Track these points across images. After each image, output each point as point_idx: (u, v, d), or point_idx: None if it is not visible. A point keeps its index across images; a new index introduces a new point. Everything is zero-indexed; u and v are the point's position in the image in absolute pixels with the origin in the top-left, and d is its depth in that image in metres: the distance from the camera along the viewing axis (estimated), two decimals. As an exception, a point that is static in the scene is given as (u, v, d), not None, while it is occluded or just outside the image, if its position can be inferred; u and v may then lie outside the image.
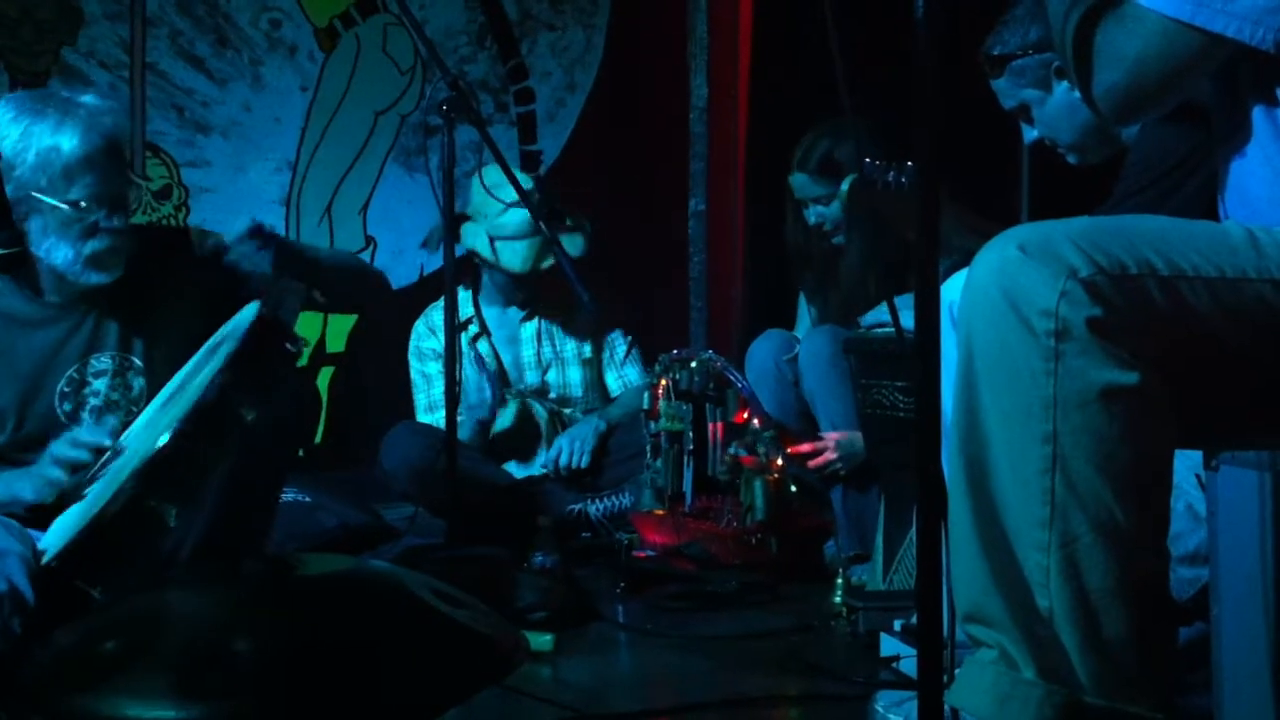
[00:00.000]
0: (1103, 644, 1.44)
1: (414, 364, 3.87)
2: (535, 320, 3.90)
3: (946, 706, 1.50)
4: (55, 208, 2.38)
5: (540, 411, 3.84)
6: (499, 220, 3.71)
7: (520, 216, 3.66)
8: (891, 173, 2.36)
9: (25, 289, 2.43)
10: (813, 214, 3.60)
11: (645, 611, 2.96)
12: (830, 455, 3.20)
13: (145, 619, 1.97)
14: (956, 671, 1.54)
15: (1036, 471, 1.44)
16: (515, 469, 3.80)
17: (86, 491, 2.31)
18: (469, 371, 3.82)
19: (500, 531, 3.42)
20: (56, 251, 2.41)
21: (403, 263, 4.49)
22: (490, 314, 3.91)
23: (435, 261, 4.47)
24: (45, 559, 2.14)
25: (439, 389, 3.74)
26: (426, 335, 3.86)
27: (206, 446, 2.10)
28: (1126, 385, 1.44)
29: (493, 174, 3.69)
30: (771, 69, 4.90)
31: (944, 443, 1.57)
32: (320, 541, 3.46)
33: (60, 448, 2.34)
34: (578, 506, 3.56)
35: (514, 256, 3.70)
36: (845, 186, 2.44)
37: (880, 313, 2.92)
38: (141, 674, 1.83)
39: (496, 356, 3.87)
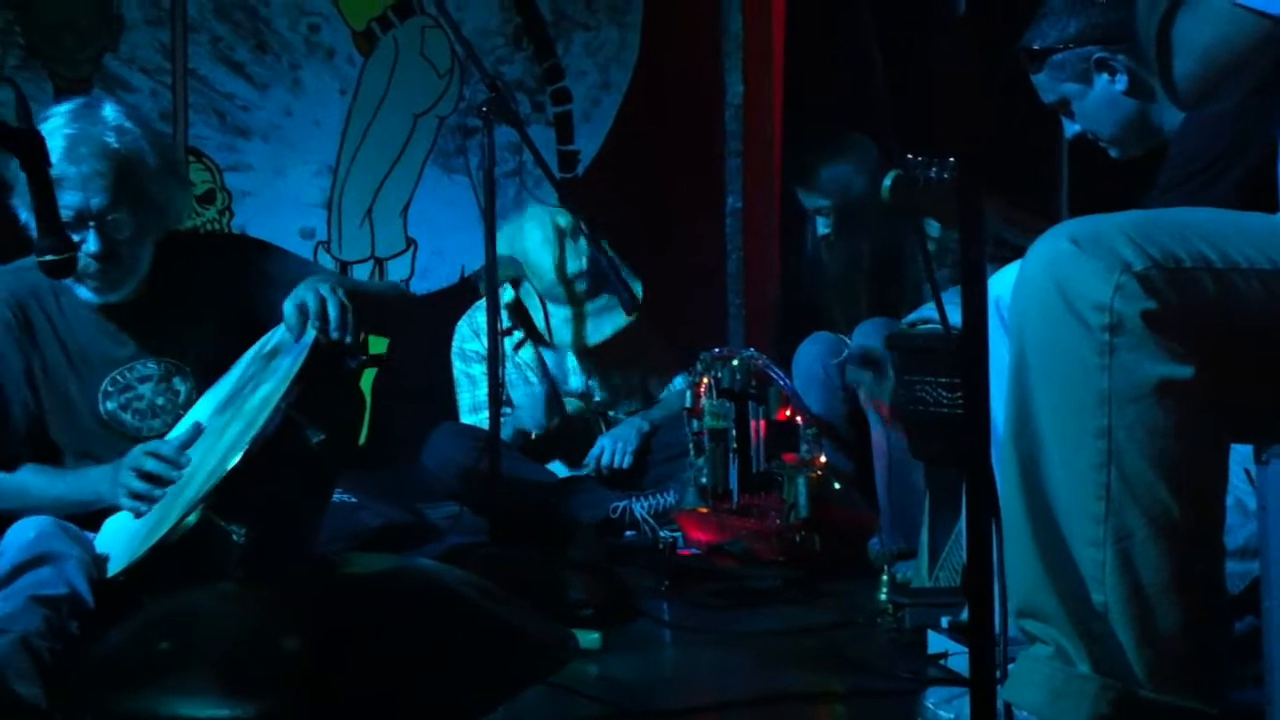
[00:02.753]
0: (1157, 638, 1.44)
1: (458, 365, 3.88)
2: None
3: (1000, 702, 1.50)
4: None
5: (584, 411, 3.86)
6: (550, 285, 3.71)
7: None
8: (933, 168, 2.36)
9: (98, 284, 2.43)
10: (821, 224, 3.62)
11: (689, 609, 2.96)
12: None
13: (194, 619, 1.99)
14: (1010, 667, 1.54)
15: (1091, 466, 1.44)
16: (560, 469, 3.81)
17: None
18: (517, 387, 3.83)
19: (543, 530, 3.44)
20: None
21: (443, 263, 4.52)
22: (536, 318, 3.91)
23: (476, 262, 4.49)
24: (111, 572, 2.16)
25: (484, 391, 3.74)
26: (470, 337, 3.86)
27: (275, 468, 2.11)
28: (1181, 379, 1.43)
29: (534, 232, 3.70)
30: (806, 65, 4.89)
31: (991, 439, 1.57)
32: (364, 541, 3.48)
33: (140, 460, 2.33)
34: (621, 505, 3.56)
35: (566, 329, 3.72)
36: (887, 182, 2.44)
37: (923, 309, 2.91)
38: (191, 673, 1.85)
39: (542, 363, 3.87)
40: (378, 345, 4.33)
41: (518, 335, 3.88)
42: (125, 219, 2.38)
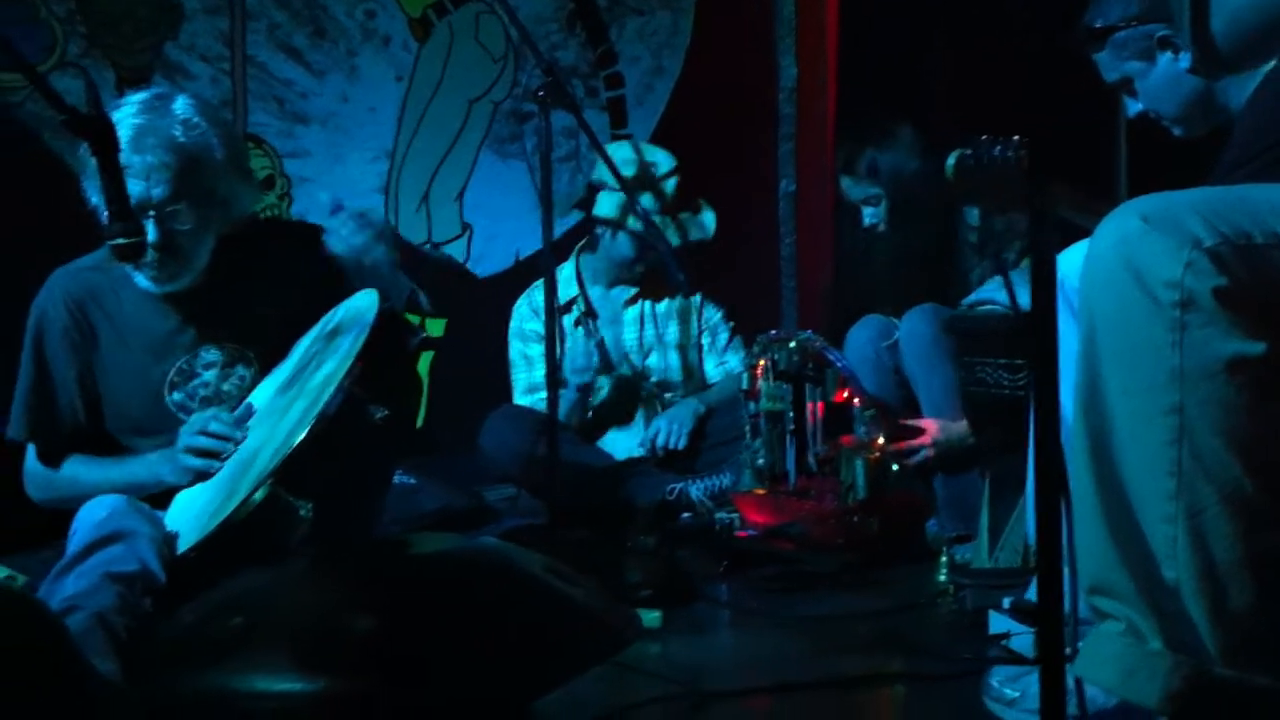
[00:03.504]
0: (1230, 614, 1.43)
1: (515, 345, 3.90)
2: (638, 304, 3.91)
3: (1070, 679, 1.50)
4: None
5: (637, 386, 3.87)
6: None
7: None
8: (998, 148, 2.34)
9: (156, 275, 2.46)
10: (866, 215, 3.61)
11: (747, 591, 2.97)
12: (924, 440, 3.17)
13: (266, 596, 2.02)
14: (1081, 644, 1.54)
15: (1162, 443, 1.44)
16: (615, 451, 3.82)
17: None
18: (571, 343, 3.86)
19: (600, 513, 3.46)
20: None
21: (498, 248, 4.54)
22: (593, 293, 3.94)
23: (530, 247, 4.52)
24: (181, 549, 2.19)
25: (540, 372, 3.77)
26: (530, 316, 3.88)
27: (339, 444, 2.14)
28: (1253, 355, 1.42)
29: (621, 150, 3.78)
30: (860, 48, 4.88)
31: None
32: (422, 523, 3.51)
33: (193, 438, 2.37)
34: (678, 487, 3.57)
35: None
36: (951, 161, 2.41)
37: (982, 291, 2.91)
38: (264, 649, 1.88)
39: (600, 340, 3.89)
40: (435, 328, 4.37)
41: (578, 310, 3.89)
42: (186, 211, 2.41)
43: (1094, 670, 1.49)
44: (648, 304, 3.92)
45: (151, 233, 2.37)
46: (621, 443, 3.82)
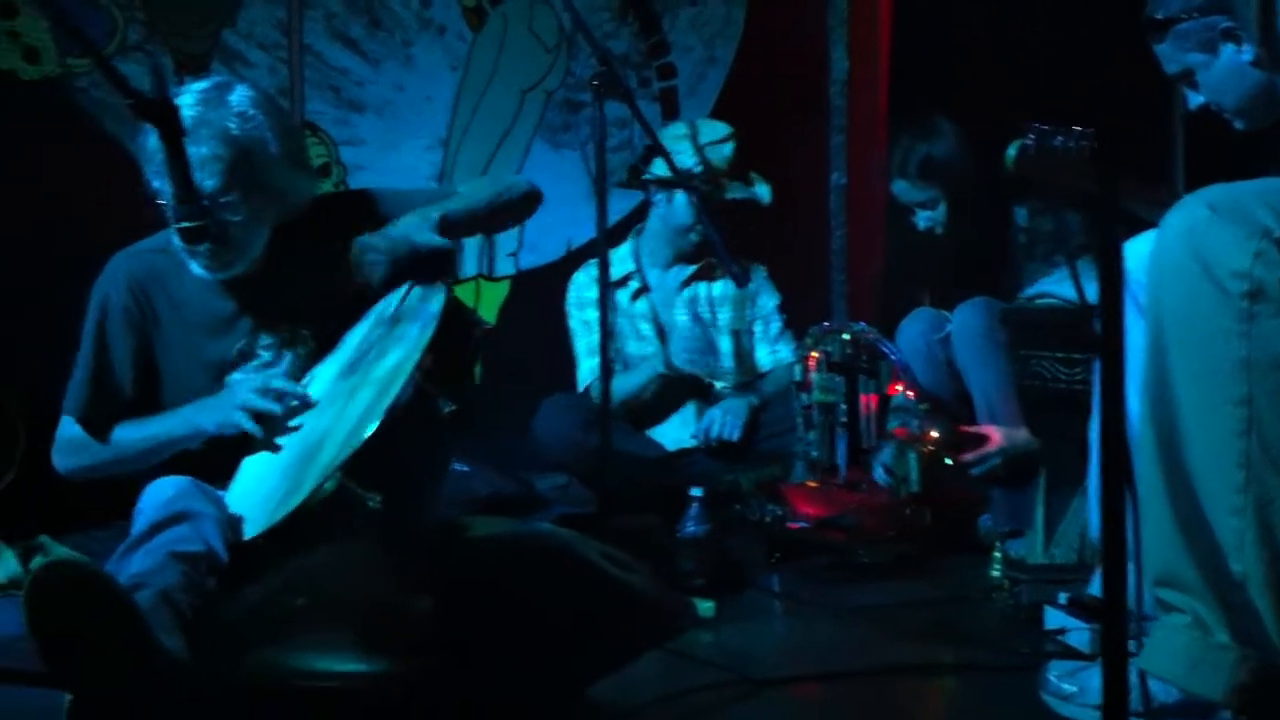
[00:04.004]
0: (1298, 609, 1.43)
1: (574, 313, 3.89)
2: (693, 286, 3.92)
3: (1134, 671, 1.49)
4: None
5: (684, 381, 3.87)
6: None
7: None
8: (1059, 137, 2.33)
9: (210, 262, 2.48)
10: (921, 219, 3.59)
11: (799, 581, 2.98)
12: (990, 448, 3.15)
13: (329, 578, 2.05)
14: (1146, 639, 1.53)
15: (1230, 434, 1.43)
16: (666, 441, 3.82)
17: (267, 449, 2.39)
18: (629, 340, 3.87)
19: (651, 502, 3.47)
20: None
21: (550, 238, 4.55)
22: (650, 275, 3.94)
23: (581, 236, 4.54)
24: (249, 535, 2.22)
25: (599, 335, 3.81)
26: (589, 284, 3.87)
27: (404, 435, 2.15)
28: (1325, 347, 1.41)
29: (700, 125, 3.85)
30: (913, 41, 4.85)
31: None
32: (474, 509, 3.53)
33: (250, 396, 2.39)
34: (729, 478, 3.57)
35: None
36: (1012, 151, 2.40)
37: (1040, 284, 2.90)
38: (326, 630, 1.91)
39: (655, 316, 3.90)
40: (488, 315, 4.40)
41: (634, 284, 3.90)
42: (239, 202, 2.41)
43: (1159, 663, 1.49)
44: (702, 286, 3.92)
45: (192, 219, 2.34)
46: (672, 433, 3.82)
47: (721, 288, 3.92)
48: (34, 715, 2.04)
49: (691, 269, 3.90)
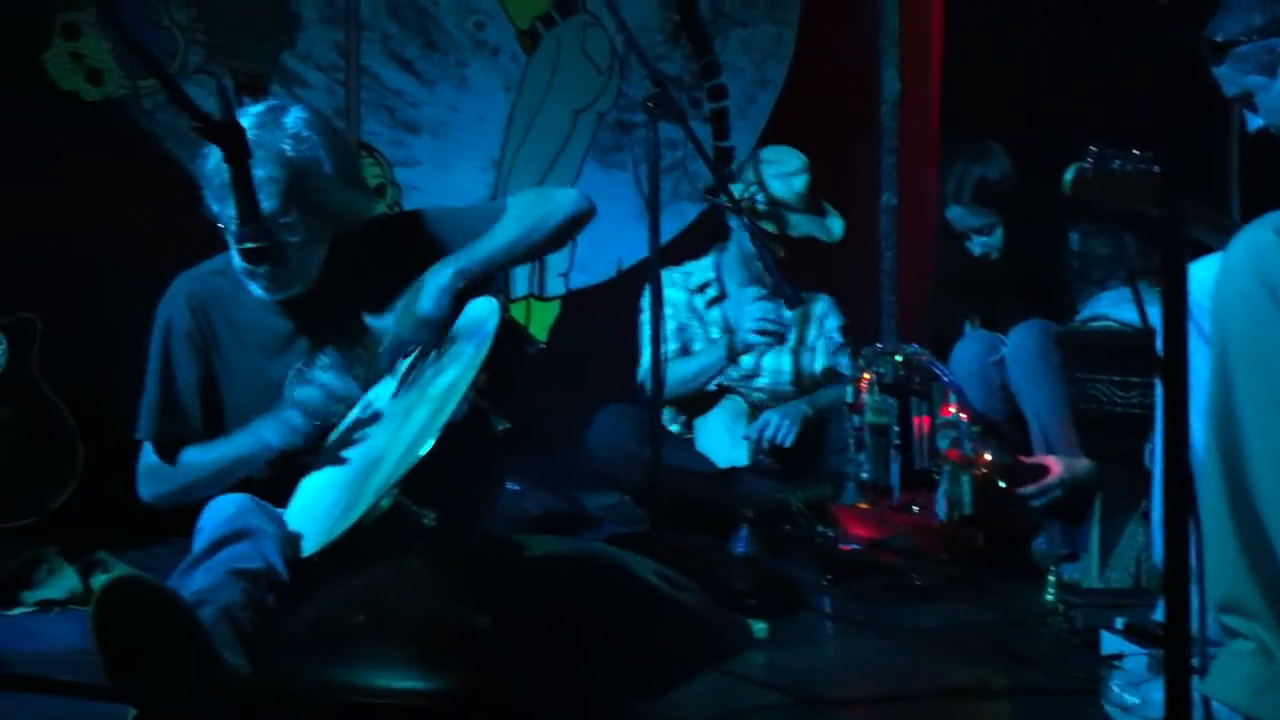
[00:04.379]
0: (1365, 638, 1.41)
1: (649, 309, 3.89)
2: (761, 307, 3.91)
3: (1197, 695, 1.48)
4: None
5: (742, 401, 3.87)
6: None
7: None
8: (1117, 161, 2.33)
9: (268, 284, 2.52)
10: (976, 245, 3.58)
11: (851, 603, 2.97)
12: (1050, 478, 3.13)
13: (386, 596, 2.07)
14: (1211, 663, 1.52)
15: (1297, 460, 1.42)
16: (715, 448, 3.82)
17: (325, 461, 2.42)
18: (697, 341, 3.88)
19: (701, 520, 3.47)
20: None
21: (600, 258, 4.58)
22: (729, 287, 3.95)
23: (632, 257, 4.56)
24: (307, 552, 2.24)
25: (669, 328, 3.85)
26: (669, 286, 3.89)
27: (459, 453, 2.17)
28: (1392, 372, 1.40)
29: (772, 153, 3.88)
30: (965, 62, 4.85)
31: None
32: (526, 527, 3.55)
33: (305, 392, 2.42)
34: (778, 497, 3.57)
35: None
36: (1069, 175, 2.40)
37: (1095, 307, 2.88)
38: (385, 647, 1.92)
39: (727, 324, 3.90)
40: (539, 332, 4.43)
41: (711, 292, 3.91)
42: (296, 223, 2.44)
43: (1224, 689, 1.48)
44: (770, 308, 3.92)
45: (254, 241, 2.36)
46: (723, 450, 3.82)
47: (792, 313, 3.92)
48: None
49: (763, 290, 3.91)
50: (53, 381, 3.41)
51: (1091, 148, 2.29)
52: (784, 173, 3.84)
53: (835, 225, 3.88)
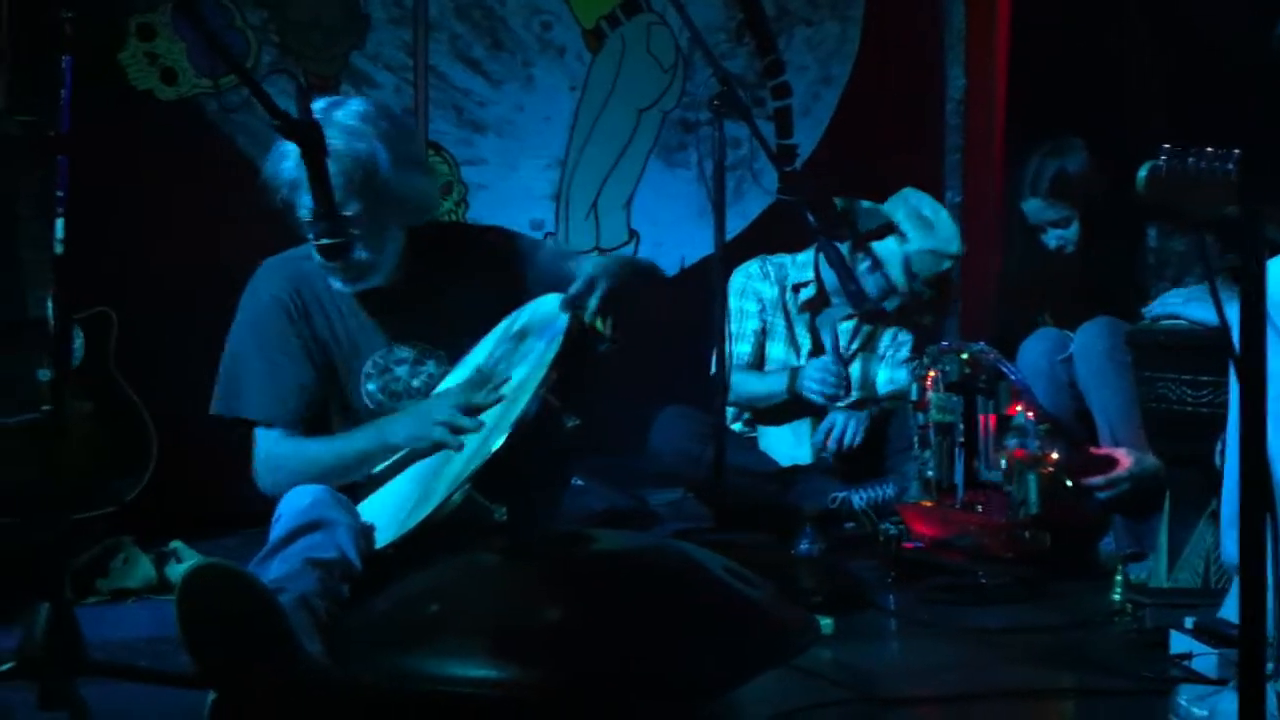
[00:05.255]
0: None
1: (733, 300, 3.85)
2: (856, 318, 3.91)
3: (1272, 697, 1.48)
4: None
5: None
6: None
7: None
8: (1191, 159, 2.31)
9: (345, 275, 2.56)
10: (1052, 238, 3.55)
11: (915, 601, 2.97)
12: (1119, 471, 3.11)
13: (459, 586, 2.10)
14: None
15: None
16: (777, 447, 3.83)
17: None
18: (776, 340, 3.88)
19: (763, 519, 3.48)
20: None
21: (663, 255, 4.58)
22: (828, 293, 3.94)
23: (694, 255, 4.57)
24: (380, 544, 2.27)
25: (751, 325, 3.85)
26: (760, 278, 3.89)
27: (529, 449, 2.20)
28: None
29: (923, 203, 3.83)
30: (1032, 60, 4.82)
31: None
32: (589, 524, 3.57)
33: (453, 414, 2.42)
34: (840, 496, 3.57)
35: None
36: (1143, 174, 2.38)
37: (1165, 305, 2.86)
38: (458, 637, 1.95)
39: (816, 329, 3.90)
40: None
41: (807, 293, 3.90)
42: (359, 215, 2.46)
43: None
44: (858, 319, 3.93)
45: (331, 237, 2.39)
46: (786, 449, 3.83)
47: (871, 326, 3.92)
48: (173, 714, 2.12)
49: (849, 309, 3.89)
50: (127, 374, 3.47)
51: (1166, 146, 2.27)
52: (937, 251, 3.79)
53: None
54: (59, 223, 2.05)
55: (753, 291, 3.88)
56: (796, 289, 3.89)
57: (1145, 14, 4.46)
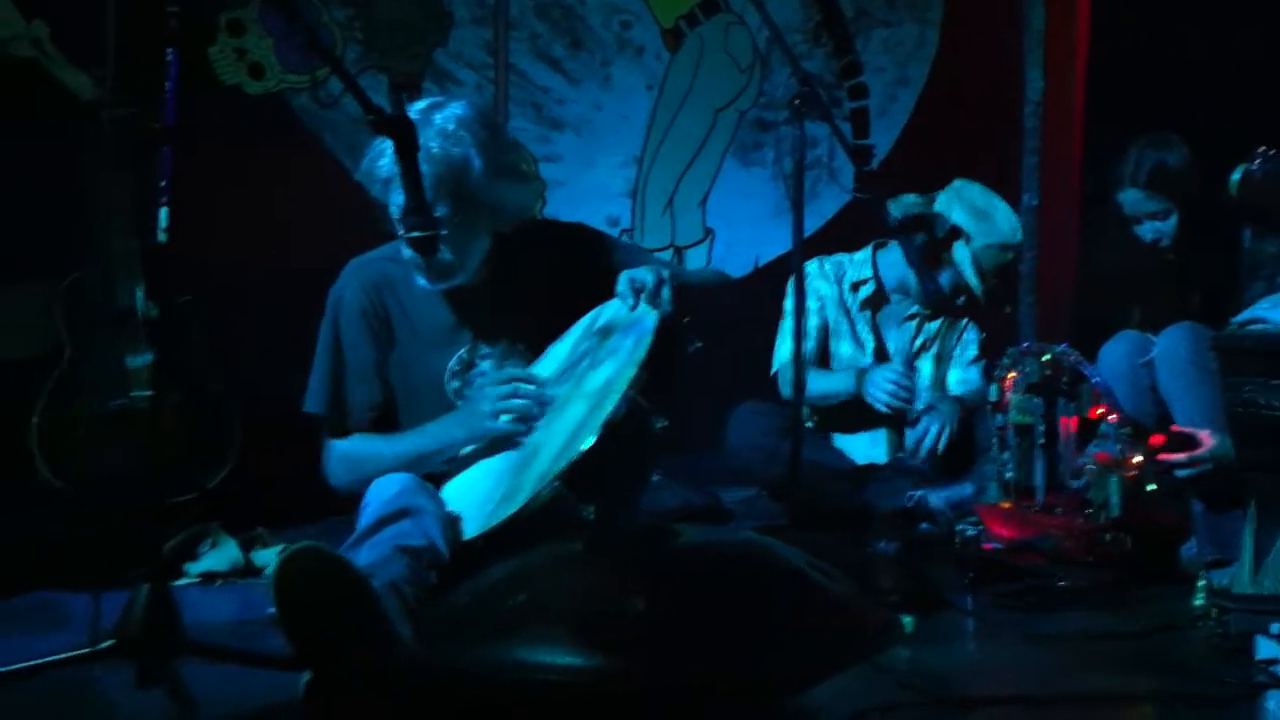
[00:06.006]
0: None
1: (792, 298, 3.88)
2: (916, 318, 3.90)
3: None
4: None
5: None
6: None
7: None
8: (1287, 160, 2.29)
9: (430, 273, 2.59)
10: (1148, 230, 3.52)
11: (993, 603, 2.95)
12: (1201, 450, 3.08)
13: (545, 577, 2.12)
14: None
15: None
16: (857, 454, 3.83)
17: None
18: (842, 339, 3.88)
19: (840, 516, 3.48)
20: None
21: (738, 254, 4.61)
22: (887, 290, 3.94)
23: (769, 254, 4.59)
24: (467, 536, 2.30)
25: (811, 323, 3.85)
26: (819, 277, 3.90)
27: (615, 447, 2.22)
28: None
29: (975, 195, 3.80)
30: (1112, 62, 4.78)
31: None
32: (663, 521, 3.58)
33: (505, 401, 2.46)
34: (918, 495, 3.56)
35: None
36: (1236, 176, 2.36)
37: (1254, 310, 2.83)
38: (544, 626, 1.97)
39: (877, 327, 3.90)
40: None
41: (866, 291, 3.90)
42: (446, 216, 2.48)
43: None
44: (920, 317, 3.91)
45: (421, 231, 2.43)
46: (861, 448, 3.83)
47: (936, 324, 3.90)
48: (265, 694, 2.16)
49: (911, 302, 3.88)
50: (214, 364, 3.53)
51: (1262, 149, 2.24)
52: (1002, 245, 3.78)
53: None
54: (163, 212, 2.10)
55: (812, 290, 3.89)
56: (855, 287, 3.90)
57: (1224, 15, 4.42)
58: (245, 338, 3.68)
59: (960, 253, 3.74)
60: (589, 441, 2.19)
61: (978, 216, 3.76)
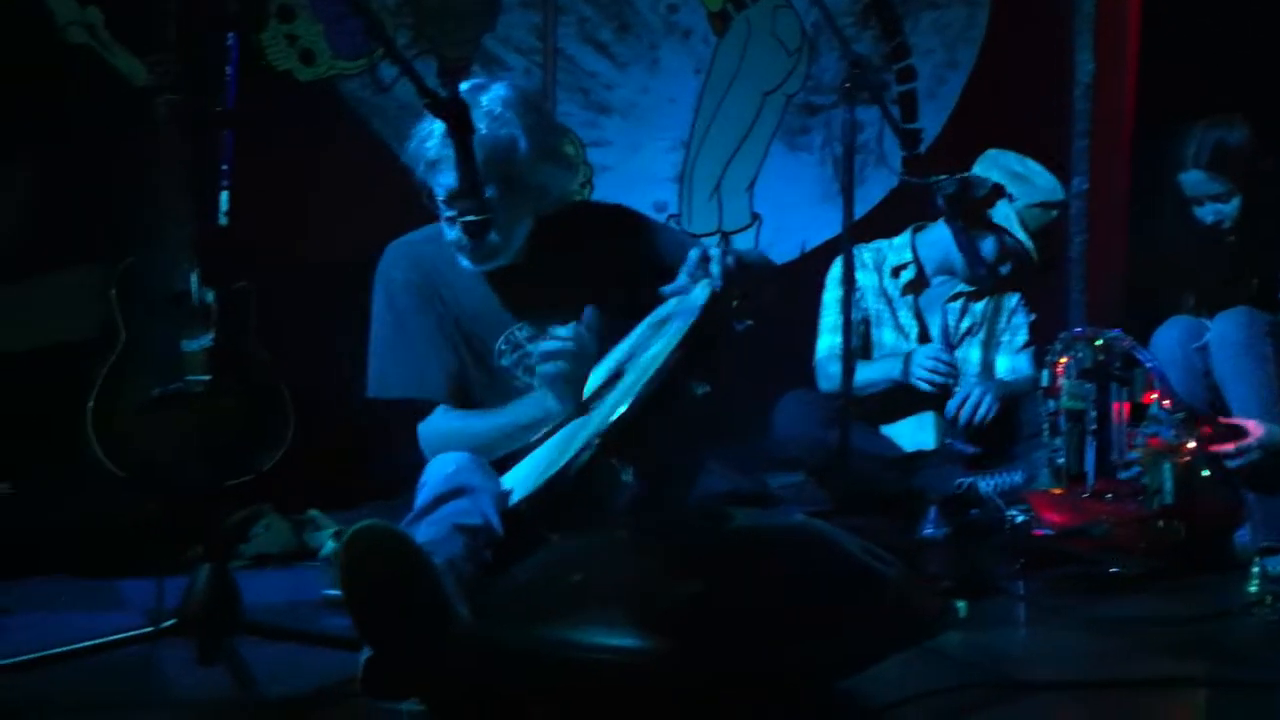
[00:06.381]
0: None
1: (831, 288, 3.85)
2: (960, 300, 3.87)
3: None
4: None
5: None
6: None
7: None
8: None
9: (474, 255, 2.61)
10: (1209, 212, 3.49)
11: (1045, 589, 2.95)
12: (1249, 440, 3.06)
13: (599, 557, 2.13)
14: None
15: None
16: (901, 433, 3.81)
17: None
18: (883, 327, 3.87)
19: (888, 503, 3.47)
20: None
21: (785, 239, 4.60)
22: (927, 273, 3.91)
23: (816, 239, 4.57)
24: (513, 500, 2.32)
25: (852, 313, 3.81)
26: (857, 267, 3.83)
27: (663, 421, 2.22)
28: None
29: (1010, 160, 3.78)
30: (1164, 45, 4.73)
31: None
32: (711, 505, 3.59)
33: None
34: (967, 481, 3.54)
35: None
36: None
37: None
38: (602, 607, 1.98)
39: (919, 312, 3.88)
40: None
41: (907, 275, 3.87)
42: (492, 198, 2.48)
43: None
44: (964, 298, 3.89)
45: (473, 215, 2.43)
46: (909, 434, 3.81)
47: (982, 306, 3.87)
48: (321, 674, 2.19)
49: (955, 281, 3.86)
50: (267, 349, 3.57)
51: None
52: (1045, 203, 3.73)
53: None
54: (224, 195, 2.12)
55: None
56: (896, 272, 3.86)
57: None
58: (295, 321, 3.70)
59: (1004, 211, 3.70)
60: (625, 406, 2.18)
61: (1015, 179, 3.73)
